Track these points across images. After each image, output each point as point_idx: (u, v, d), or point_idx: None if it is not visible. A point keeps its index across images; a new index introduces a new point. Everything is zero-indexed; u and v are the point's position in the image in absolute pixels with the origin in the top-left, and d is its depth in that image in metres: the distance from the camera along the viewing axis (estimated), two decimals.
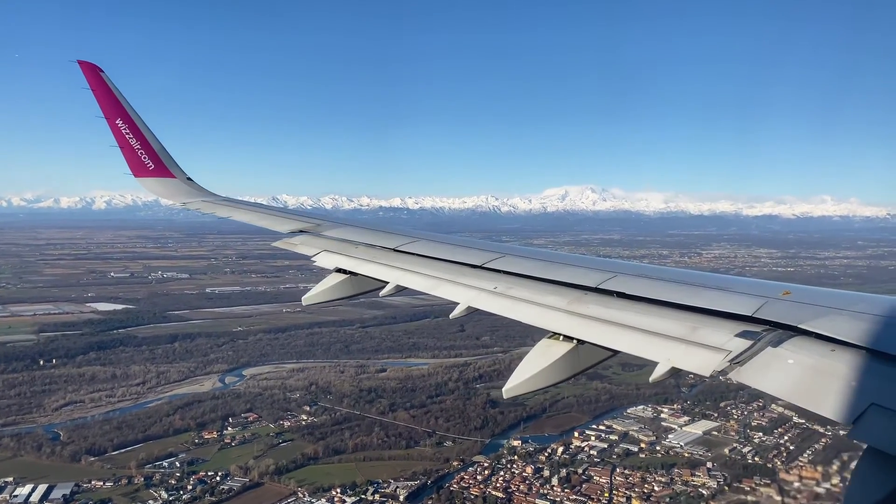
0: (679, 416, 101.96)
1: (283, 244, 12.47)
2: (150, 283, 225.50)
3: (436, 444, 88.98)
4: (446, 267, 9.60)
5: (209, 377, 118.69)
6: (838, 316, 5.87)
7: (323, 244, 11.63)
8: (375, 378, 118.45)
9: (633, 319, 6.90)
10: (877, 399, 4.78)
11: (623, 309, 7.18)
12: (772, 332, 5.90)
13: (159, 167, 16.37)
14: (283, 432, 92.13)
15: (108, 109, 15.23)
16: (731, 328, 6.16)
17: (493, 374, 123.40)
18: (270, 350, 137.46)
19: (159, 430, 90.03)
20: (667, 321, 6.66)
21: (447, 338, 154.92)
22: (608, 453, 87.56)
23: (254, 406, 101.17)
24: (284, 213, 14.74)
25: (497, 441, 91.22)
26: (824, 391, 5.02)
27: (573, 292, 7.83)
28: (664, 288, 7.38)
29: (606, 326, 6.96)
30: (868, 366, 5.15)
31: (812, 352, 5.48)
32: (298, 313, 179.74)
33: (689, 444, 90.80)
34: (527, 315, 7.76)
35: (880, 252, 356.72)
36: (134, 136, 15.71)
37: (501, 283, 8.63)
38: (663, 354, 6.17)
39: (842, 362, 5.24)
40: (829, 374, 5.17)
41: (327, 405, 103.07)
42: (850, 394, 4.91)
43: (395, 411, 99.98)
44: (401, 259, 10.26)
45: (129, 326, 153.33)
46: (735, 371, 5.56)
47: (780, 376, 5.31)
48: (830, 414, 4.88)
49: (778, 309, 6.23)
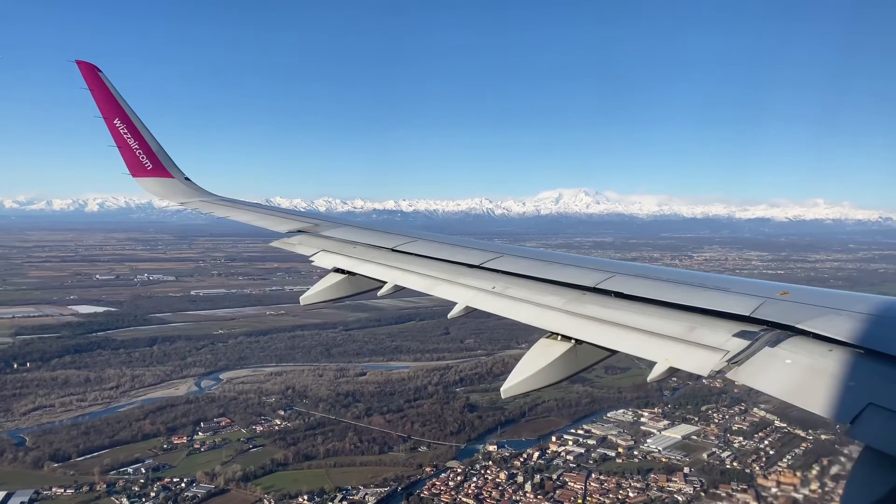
0: (659, 420, 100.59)
1: (281, 244, 12.37)
2: (134, 286, 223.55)
3: (410, 450, 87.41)
4: (444, 267, 9.54)
5: (185, 381, 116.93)
6: (836, 316, 5.87)
7: (321, 244, 11.57)
8: (354, 382, 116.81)
9: (630, 319, 6.88)
10: (875, 399, 4.76)
11: (621, 309, 7.15)
12: (769, 331, 5.90)
13: (157, 167, 16.34)
14: (254, 437, 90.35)
15: (106, 109, 15.22)
16: (728, 328, 6.17)
17: (474, 378, 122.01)
18: (250, 353, 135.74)
19: (127, 435, 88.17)
20: (665, 321, 6.64)
21: (431, 341, 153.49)
22: (585, 458, 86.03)
23: (227, 410, 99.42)
24: (283, 213, 14.64)
25: (473, 446, 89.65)
26: (822, 391, 5.01)
27: (571, 292, 7.81)
28: (662, 288, 7.37)
29: (604, 326, 6.95)
30: (866, 365, 5.14)
31: (810, 351, 5.47)
32: (282, 316, 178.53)
33: (667, 448, 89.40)
34: (525, 315, 7.70)
35: (871, 255, 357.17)
36: (132, 136, 15.73)
37: (499, 282, 8.61)
38: (661, 354, 6.15)
39: (839, 362, 5.22)
40: (826, 373, 5.15)
41: (302, 410, 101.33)
42: (848, 393, 4.90)
43: (370, 416, 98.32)
44: (399, 259, 10.20)
45: (109, 329, 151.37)
46: (733, 371, 5.55)
47: (777, 376, 5.30)
48: (828, 414, 4.83)
49: (776, 309, 6.24)
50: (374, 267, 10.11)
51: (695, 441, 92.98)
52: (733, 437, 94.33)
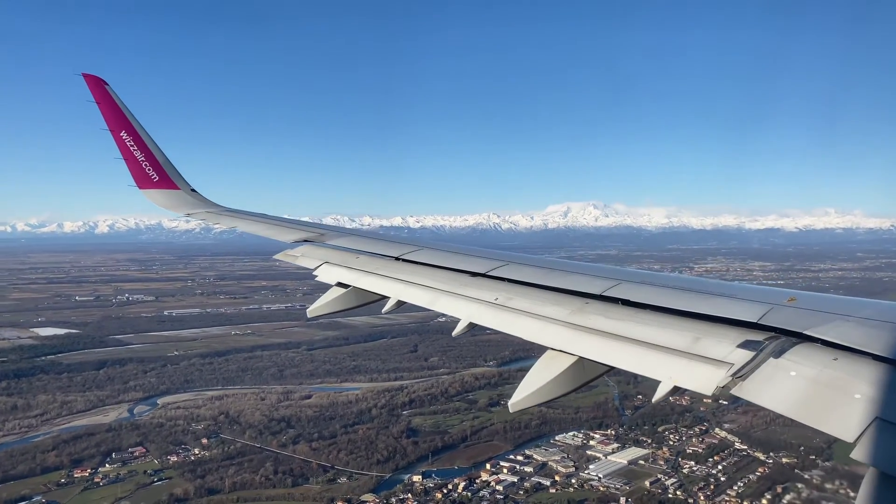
0: (609, 444, 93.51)
1: (284, 256, 12.12)
2: (110, 307, 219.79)
3: (328, 482, 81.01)
4: (448, 277, 9.24)
5: (119, 406, 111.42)
6: (844, 322, 5.67)
7: (324, 255, 11.33)
8: (296, 406, 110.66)
9: (634, 331, 6.61)
10: (882, 413, 4.42)
11: (625, 319, 6.89)
12: (774, 340, 5.67)
13: (164, 179, 16.22)
14: (165, 468, 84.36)
15: (112, 122, 15.16)
16: (734, 337, 5.93)
17: (425, 399, 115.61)
18: (198, 376, 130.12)
19: (25, 469, 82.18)
20: (669, 332, 6.38)
21: (395, 359, 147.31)
22: (516, 488, 79.37)
23: (147, 439, 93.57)
24: (289, 224, 14.25)
25: (398, 476, 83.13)
26: (826, 405, 4.75)
27: (575, 301, 7.57)
28: (669, 295, 7.10)
29: (606, 341, 6.67)
30: (873, 375, 4.82)
31: (814, 362, 5.21)
32: (248, 336, 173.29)
33: (609, 475, 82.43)
34: (527, 330, 7.41)
35: (878, 264, 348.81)
36: (138, 149, 15.65)
37: (503, 292, 8.32)
38: (664, 371, 5.89)
39: (845, 372, 4.96)
40: (831, 386, 4.90)
41: (228, 437, 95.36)
42: (854, 407, 4.57)
43: (297, 444, 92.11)
44: (402, 270, 9.93)
45: (62, 352, 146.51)
46: (737, 387, 5.31)
47: (780, 390, 5.06)
48: (833, 431, 4.51)
49: (782, 315, 6.01)
50: (377, 280, 9.87)
51: (641, 467, 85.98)
52: (685, 462, 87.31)
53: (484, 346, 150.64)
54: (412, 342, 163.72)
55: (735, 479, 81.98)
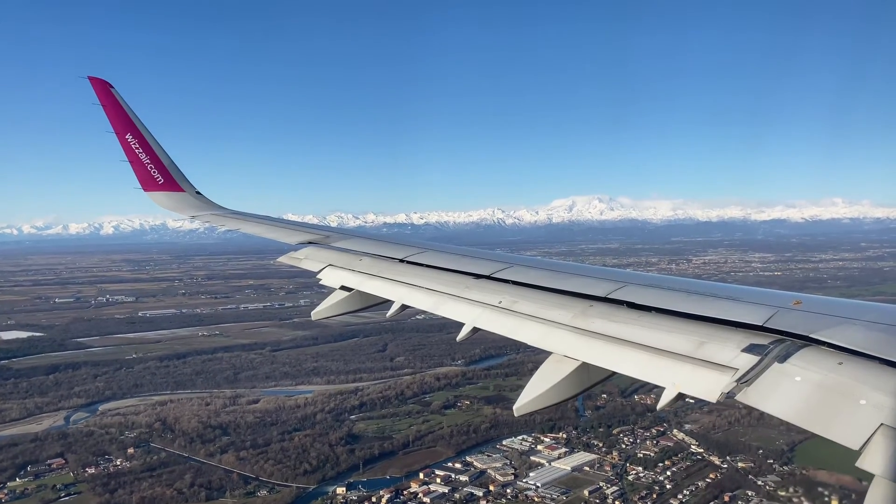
0: (557, 448, 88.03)
1: (287, 259, 11.88)
2: (86, 308, 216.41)
3: (246, 494, 76.13)
4: (452, 279, 9.04)
5: (56, 413, 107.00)
6: (850, 325, 5.53)
7: (328, 257, 11.17)
8: (241, 411, 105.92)
9: (638, 335, 6.41)
10: (888, 419, 4.30)
11: (629, 322, 6.69)
12: (779, 344, 5.49)
13: (168, 181, 16.21)
14: (79, 482, 79.54)
15: (117, 124, 15.12)
16: (738, 341, 5.74)
17: (378, 402, 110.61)
18: (149, 380, 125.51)
19: None
20: (673, 335, 6.19)
21: (359, 360, 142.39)
22: (446, 500, 74.17)
23: (71, 449, 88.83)
24: (293, 226, 14.32)
25: (323, 488, 78.12)
26: (831, 412, 4.62)
27: (580, 304, 7.38)
28: (674, 298, 6.97)
29: (610, 345, 6.50)
30: (879, 379, 4.68)
31: (820, 366, 5.07)
32: (214, 337, 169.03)
33: (548, 484, 77.08)
34: (531, 335, 7.23)
35: (880, 253, 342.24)
36: (143, 151, 15.66)
37: (507, 295, 8.11)
38: (668, 378, 5.73)
39: (850, 377, 4.82)
40: (837, 391, 4.77)
41: (158, 446, 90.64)
42: (859, 414, 4.46)
43: (226, 452, 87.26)
44: (406, 272, 9.75)
45: (17, 357, 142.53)
46: (742, 392, 5.14)
47: (784, 396, 4.93)
48: (838, 438, 4.39)
49: (788, 319, 5.89)
50: (381, 283, 9.67)
51: (585, 473, 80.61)
52: (633, 468, 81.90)
53: (455, 344, 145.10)
54: (383, 341, 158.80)
55: (682, 486, 76.54)
